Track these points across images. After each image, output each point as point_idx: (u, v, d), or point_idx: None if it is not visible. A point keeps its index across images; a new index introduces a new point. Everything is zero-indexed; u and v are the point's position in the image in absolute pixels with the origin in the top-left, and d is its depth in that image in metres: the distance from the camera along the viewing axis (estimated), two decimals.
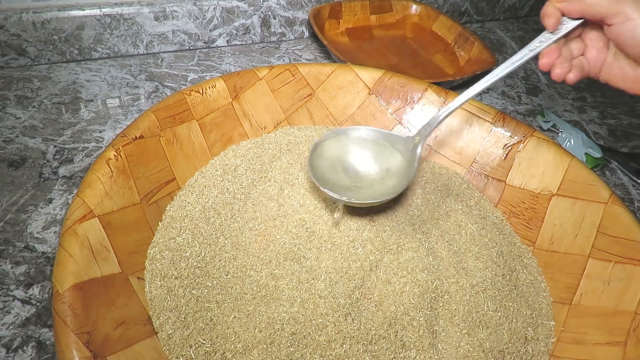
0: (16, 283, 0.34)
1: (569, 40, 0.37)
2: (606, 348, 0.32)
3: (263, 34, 0.68)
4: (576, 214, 0.38)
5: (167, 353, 0.29)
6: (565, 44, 0.36)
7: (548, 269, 0.38)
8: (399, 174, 0.39)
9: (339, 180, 0.39)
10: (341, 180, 0.39)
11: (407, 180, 0.38)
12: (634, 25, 0.32)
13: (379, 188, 0.38)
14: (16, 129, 0.47)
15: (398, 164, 0.40)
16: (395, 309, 0.32)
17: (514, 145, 0.44)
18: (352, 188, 0.38)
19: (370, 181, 0.39)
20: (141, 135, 0.37)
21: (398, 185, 0.38)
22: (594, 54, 0.36)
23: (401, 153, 0.40)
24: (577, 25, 0.35)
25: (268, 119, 0.47)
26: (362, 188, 0.39)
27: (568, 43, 0.37)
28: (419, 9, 0.76)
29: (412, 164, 0.39)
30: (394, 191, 0.37)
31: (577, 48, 0.37)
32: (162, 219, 0.36)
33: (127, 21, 0.58)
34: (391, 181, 0.39)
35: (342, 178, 0.39)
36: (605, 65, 0.36)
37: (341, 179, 0.39)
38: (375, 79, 0.49)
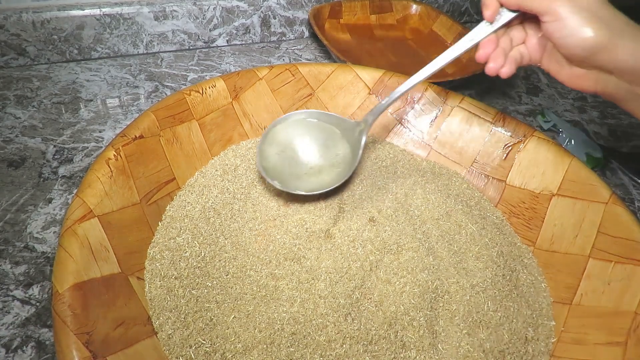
0: (16, 283, 0.34)
1: (510, 28, 0.36)
2: (606, 348, 0.32)
3: (263, 34, 0.68)
4: (576, 214, 0.38)
5: (167, 353, 0.29)
6: (506, 33, 0.36)
7: (548, 269, 0.38)
8: (345, 161, 0.41)
9: (290, 167, 0.40)
10: (291, 167, 0.40)
11: (351, 168, 0.39)
12: (563, 26, 0.31)
13: (327, 176, 0.40)
14: (16, 129, 0.47)
15: (345, 150, 0.41)
16: (395, 309, 0.32)
17: (514, 145, 0.44)
18: (302, 176, 0.40)
19: (319, 168, 0.40)
20: (141, 135, 0.37)
21: (343, 173, 0.40)
22: (534, 43, 0.36)
23: (348, 139, 0.41)
24: (513, 17, 0.35)
25: (268, 118, 0.47)
26: (312, 175, 0.40)
27: (509, 31, 0.36)
28: (419, 8, 0.76)
29: (356, 151, 0.40)
30: (338, 179, 0.39)
31: (518, 36, 0.37)
32: (162, 219, 0.36)
33: (127, 21, 0.58)
34: (338, 168, 0.40)
35: (293, 165, 0.40)
36: (545, 55, 0.36)
37: (292, 165, 0.40)
38: (376, 78, 0.49)
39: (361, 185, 0.42)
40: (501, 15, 0.35)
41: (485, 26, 0.36)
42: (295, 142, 0.41)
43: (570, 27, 0.31)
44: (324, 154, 0.41)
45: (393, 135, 0.48)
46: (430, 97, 0.48)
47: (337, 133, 0.42)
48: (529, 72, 0.71)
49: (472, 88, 0.65)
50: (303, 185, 0.38)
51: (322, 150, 0.41)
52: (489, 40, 0.36)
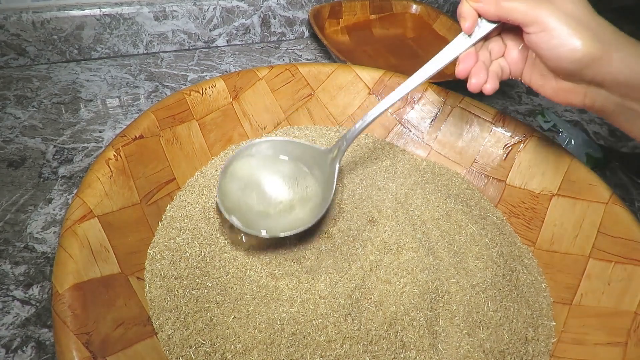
0: (16, 283, 0.34)
1: (488, 40, 0.34)
2: (606, 348, 0.32)
3: (263, 34, 0.68)
4: (576, 214, 0.38)
5: (167, 353, 0.29)
6: (484, 45, 0.34)
7: (548, 269, 0.38)
8: (318, 193, 0.36)
9: (255, 205, 0.35)
10: (257, 206, 0.36)
11: (326, 200, 0.35)
12: (551, 37, 0.29)
13: (300, 212, 0.36)
14: (16, 129, 0.47)
15: (317, 181, 0.37)
16: (395, 309, 0.32)
17: (514, 145, 0.44)
18: (271, 214, 0.35)
19: (289, 203, 0.36)
20: (141, 135, 0.37)
21: (318, 207, 0.35)
22: (514, 55, 0.34)
23: (319, 168, 0.37)
24: (493, 28, 0.33)
25: (268, 119, 0.47)
26: (281, 213, 0.35)
27: (487, 44, 0.34)
28: (419, 8, 0.76)
29: (331, 180, 0.36)
30: (313, 214, 0.35)
31: (497, 49, 0.34)
32: (162, 219, 0.36)
33: (127, 21, 0.58)
34: (311, 202, 0.36)
35: (258, 203, 0.36)
36: (526, 69, 0.34)
37: (257, 204, 0.36)
38: (375, 79, 0.49)
39: (361, 185, 0.42)
40: (480, 26, 0.33)
41: (463, 39, 0.34)
42: (260, 175, 0.37)
43: (558, 38, 0.28)
44: (294, 187, 0.37)
45: (393, 135, 0.48)
46: (430, 97, 0.48)
47: (307, 162, 0.38)
48: None
49: None
50: (274, 225, 0.34)
51: (290, 182, 0.37)
52: (469, 54, 0.33)
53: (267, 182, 0.37)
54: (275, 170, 0.38)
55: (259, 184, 0.37)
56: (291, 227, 0.34)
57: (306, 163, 0.38)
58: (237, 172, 0.36)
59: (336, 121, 0.49)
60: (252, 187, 0.36)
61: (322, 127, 0.48)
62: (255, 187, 0.37)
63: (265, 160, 0.38)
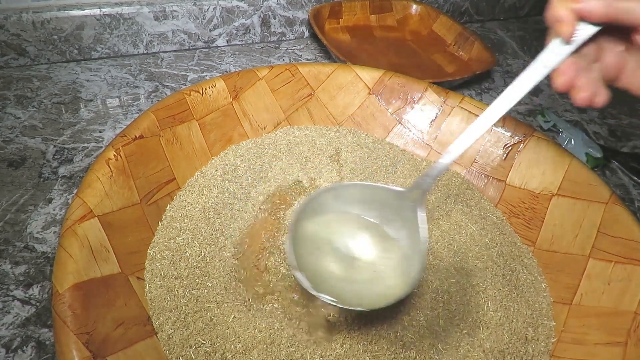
0: (16, 283, 0.34)
1: None
2: (606, 348, 0.32)
3: (263, 34, 0.68)
4: (576, 214, 0.38)
5: (167, 353, 0.29)
6: (578, 51, 0.29)
7: (548, 269, 0.38)
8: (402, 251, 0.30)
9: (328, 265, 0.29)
10: (330, 266, 0.29)
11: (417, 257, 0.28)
12: None
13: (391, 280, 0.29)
14: (16, 129, 0.47)
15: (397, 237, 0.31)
16: (395, 309, 0.32)
17: (514, 145, 0.44)
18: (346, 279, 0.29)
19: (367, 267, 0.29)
20: (141, 135, 0.37)
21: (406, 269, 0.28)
22: (611, 59, 0.29)
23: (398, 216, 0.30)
24: (596, 32, 0.28)
25: (268, 119, 0.47)
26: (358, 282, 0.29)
27: (580, 48, 0.29)
28: (419, 8, 0.76)
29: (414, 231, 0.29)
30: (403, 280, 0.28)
31: (592, 53, 0.29)
32: (162, 219, 0.36)
33: (127, 21, 0.58)
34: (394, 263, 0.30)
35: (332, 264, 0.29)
36: (625, 72, 0.29)
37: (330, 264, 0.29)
38: (375, 78, 0.49)
39: None
40: (580, 30, 0.28)
41: (560, 46, 0.28)
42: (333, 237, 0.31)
43: None
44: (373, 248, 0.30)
45: (393, 135, 0.48)
46: (430, 97, 0.48)
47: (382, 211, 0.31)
48: None
49: (472, 88, 0.65)
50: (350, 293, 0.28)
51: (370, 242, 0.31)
52: (569, 63, 0.28)
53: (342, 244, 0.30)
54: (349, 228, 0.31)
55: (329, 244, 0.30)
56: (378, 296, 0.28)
57: (380, 212, 0.31)
58: (303, 233, 0.30)
59: (336, 121, 0.49)
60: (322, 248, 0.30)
61: (322, 127, 0.48)
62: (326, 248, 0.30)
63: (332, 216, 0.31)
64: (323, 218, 0.31)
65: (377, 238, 0.31)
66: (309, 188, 0.40)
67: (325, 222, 0.31)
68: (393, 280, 0.28)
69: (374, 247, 0.30)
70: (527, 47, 0.80)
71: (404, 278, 0.28)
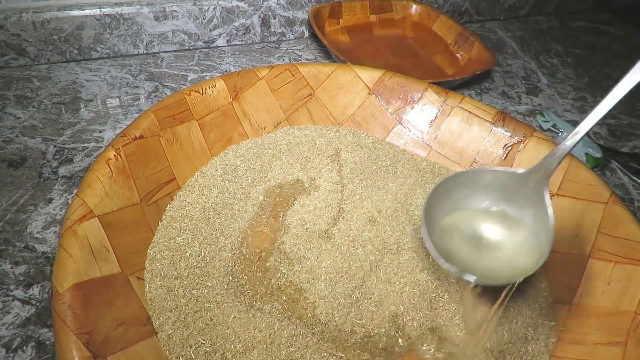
0: (16, 283, 0.34)
1: None
2: (606, 348, 0.32)
3: (263, 34, 0.68)
4: (576, 214, 0.38)
5: (167, 353, 0.29)
6: None
7: (548, 269, 0.38)
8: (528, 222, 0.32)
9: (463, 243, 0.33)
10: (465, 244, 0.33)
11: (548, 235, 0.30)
12: None
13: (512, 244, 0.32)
14: (16, 129, 0.47)
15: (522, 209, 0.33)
16: (395, 309, 0.32)
17: (514, 145, 0.44)
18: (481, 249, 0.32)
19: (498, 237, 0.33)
20: (141, 135, 0.37)
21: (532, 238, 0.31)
22: None
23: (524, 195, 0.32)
24: None
25: (268, 119, 0.47)
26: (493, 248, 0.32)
27: None
28: (419, 8, 0.76)
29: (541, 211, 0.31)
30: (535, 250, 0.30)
31: None
32: (162, 219, 0.36)
33: (127, 21, 0.58)
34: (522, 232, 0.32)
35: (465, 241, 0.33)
36: None
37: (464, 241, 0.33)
38: (375, 79, 0.49)
39: (361, 185, 0.42)
40: None
41: None
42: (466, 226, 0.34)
43: None
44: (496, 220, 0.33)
45: (393, 135, 0.48)
46: (430, 97, 0.48)
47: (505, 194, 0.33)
48: (528, 72, 0.71)
49: (472, 88, 0.65)
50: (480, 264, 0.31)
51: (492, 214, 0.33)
52: None
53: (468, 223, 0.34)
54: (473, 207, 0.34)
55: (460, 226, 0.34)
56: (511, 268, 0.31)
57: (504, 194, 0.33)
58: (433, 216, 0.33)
59: (336, 121, 0.49)
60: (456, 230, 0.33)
61: (322, 127, 0.48)
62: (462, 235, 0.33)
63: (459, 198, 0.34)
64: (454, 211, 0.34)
65: (503, 221, 0.33)
66: (309, 188, 0.41)
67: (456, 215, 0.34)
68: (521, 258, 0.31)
69: (501, 229, 0.33)
70: (527, 47, 0.80)
71: (532, 255, 0.31)
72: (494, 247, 0.33)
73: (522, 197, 0.33)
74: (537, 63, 0.75)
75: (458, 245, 0.32)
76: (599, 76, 0.74)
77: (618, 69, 0.77)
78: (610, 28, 0.91)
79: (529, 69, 0.72)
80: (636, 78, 0.29)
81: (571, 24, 0.92)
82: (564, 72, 0.73)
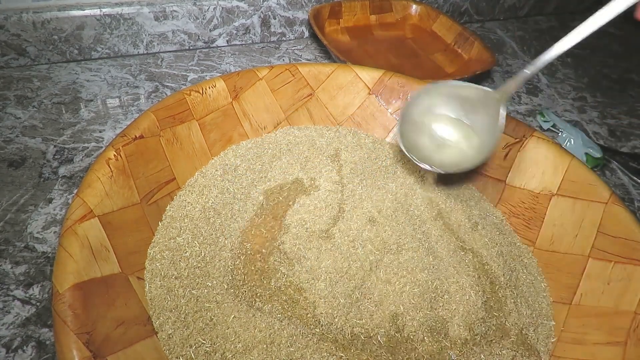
0: (16, 283, 0.34)
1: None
2: (606, 348, 0.32)
3: (263, 34, 0.68)
4: (576, 214, 0.38)
5: (167, 353, 0.29)
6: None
7: (548, 269, 0.38)
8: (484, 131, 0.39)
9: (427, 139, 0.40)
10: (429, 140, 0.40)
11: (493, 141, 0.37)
12: None
13: (465, 147, 0.39)
14: (16, 129, 0.47)
15: (482, 120, 0.39)
16: (395, 309, 0.32)
17: (514, 145, 0.44)
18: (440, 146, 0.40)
19: (456, 143, 0.40)
20: (141, 135, 0.37)
21: (482, 144, 0.38)
22: None
23: (485, 111, 0.39)
24: None
25: (268, 119, 0.47)
26: (450, 147, 0.40)
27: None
28: (419, 9, 0.76)
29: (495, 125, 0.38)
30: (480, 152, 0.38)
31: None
32: (162, 219, 0.36)
33: (127, 21, 0.58)
34: (477, 139, 0.39)
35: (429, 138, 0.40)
36: None
37: (428, 138, 0.40)
38: (375, 78, 0.49)
39: (361, 185, 0.42)
40: None
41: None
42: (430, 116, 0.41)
43: None
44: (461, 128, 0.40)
45: (393, 135, 0.48)
46: None
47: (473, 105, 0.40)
48: None
49: None
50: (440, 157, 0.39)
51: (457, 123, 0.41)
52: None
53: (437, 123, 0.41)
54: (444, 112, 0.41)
55: (429, 125, 0.41)
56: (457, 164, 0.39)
57: (471, 105, 0.40)
58: (411, 116, 0.41)
59: (336, 121, 0.49)
60: (424, 128, 0.41)
61: (322, 127, 0.48)
62: (427, 128, 0.41)
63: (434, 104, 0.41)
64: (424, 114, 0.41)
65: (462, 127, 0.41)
66: (309, 188, 0.41)
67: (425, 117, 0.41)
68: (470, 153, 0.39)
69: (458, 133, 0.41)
70: (526, 47, 0.80)
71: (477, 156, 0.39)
72: (450, 146, 0.40)
73: (481, 110, 0.39)
74: None
75: (422, 141, 0.40)
76: (598, 76, 0.74)
77: (618, 69, 0.77)
78: (610, 28, 0.91)
79: None
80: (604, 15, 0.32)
81: (571, 24, 0.92)
82: (563, 72, 0.74)
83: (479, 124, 0.39)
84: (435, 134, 0.41)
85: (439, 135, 0.40)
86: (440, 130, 0.41)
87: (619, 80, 0.74)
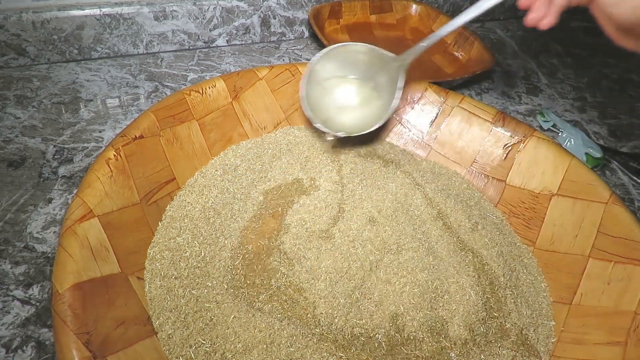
0: (16, 283, 0.34)
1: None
2: (606, 348, 0.32)
3: (263, 34, 0.68)
4: (576, 214, 0.38)
5: (167, 353, 0.29)
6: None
7: (548, 268, 0.38)
8: (384, 98, 0.42)
9: (331, 102, 0.42)
10: (333, 103, 0.42)
11: (391, 103, 0.40)
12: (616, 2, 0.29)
13: (367, 110, 0.42)
14: (16, 129, 0.47)
15: (384, 84, 0.42)
16: (395, 309, 0.32)
17: (514, 145, 0.44)
18: (343, 109, 0.42)
19: (359, 101, 0.42)
20: (141, 135, 0.37)
21: (383, 107, 0.41)
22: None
23: (387, 75, 0.42)
24: None
25: (268, 118, 0.47)
26: (353, 109, 0.42)
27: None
28: (419, 8, 0.76)
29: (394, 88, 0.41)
30: (379, 115, 0.40)
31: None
32: (162, 219, 0.36)
33: (127, 21, 0.58)
34: (378, 102, 0.42)
35: (333, 100, 0.42)
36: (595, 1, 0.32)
37: (333, 101, 0.42)
38: None
39: (361, 185, 0.42)
40: None
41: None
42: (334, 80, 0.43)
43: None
44: (363, 91, 0.43)
45: (393, 135, 0.48)
46: (430, 97, 0.48)
47: (375, 68, 0.42)
48: (528, 72, 0.71)
49: (472, 88, 0.65)
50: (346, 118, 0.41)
51: (360, 84, 0.43)
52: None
53: (340, 86, 0.43)
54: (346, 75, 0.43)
55: (333, 88, 0.43)
56: (360, 128, 0.41)
57: (375, 69, 0.42)
58: (315, 77, 0.42)
59: None
60: (328, 91, 0.42)
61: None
62: (331, 91, 0.42)
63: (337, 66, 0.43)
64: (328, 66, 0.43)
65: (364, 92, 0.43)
66: (309, 188, 0.40)
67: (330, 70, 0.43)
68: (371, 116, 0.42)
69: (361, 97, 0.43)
70: (526, 47, 0.80)
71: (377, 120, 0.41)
72: (352, 109, 0.42)
73: (383, 76, 0.42)
74: (537, 63, 0.75)
75: (325, 104, 0.42)
76: (598, 76, 0.74)
77: (618, 69, 0.77)
78: None
79: (529, 69, 0.72)
80: None
81: (571, 24, 0.92)
82: (563, 72, 0.73)
83: (381, 87, 0.42)
84: (338, 97, 0.42)
85: (342, 98, 0.42)
86: (343, 92, 0.42)
87: (619, 80, 0.74)
